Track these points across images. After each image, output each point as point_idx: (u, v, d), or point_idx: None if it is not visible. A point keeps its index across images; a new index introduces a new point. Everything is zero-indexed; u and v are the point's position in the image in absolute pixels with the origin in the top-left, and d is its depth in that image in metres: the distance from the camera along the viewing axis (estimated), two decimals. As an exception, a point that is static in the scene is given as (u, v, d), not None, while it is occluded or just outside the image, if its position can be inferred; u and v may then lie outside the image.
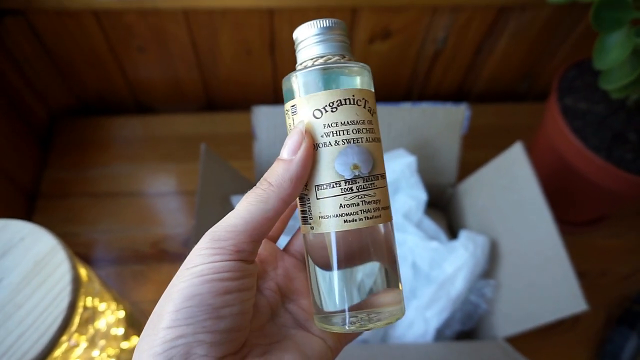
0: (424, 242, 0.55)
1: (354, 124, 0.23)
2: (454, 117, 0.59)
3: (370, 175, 0.23)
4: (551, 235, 0.48)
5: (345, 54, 0.24)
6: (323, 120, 0.23)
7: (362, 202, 0.23)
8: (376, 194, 0.23)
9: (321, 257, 0.24)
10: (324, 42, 0.24)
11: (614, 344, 0.59)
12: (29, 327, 0.34)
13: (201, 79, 0.76)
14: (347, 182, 0.23)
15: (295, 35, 0.25)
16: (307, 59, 0.24)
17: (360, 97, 0.23)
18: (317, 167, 0.23)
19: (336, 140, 0.23)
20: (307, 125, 0.23)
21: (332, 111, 0.23)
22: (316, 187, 0.23)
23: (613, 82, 0.43)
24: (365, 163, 0.23)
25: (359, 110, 0.23)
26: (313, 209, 0.24)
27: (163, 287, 0.68)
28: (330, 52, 0.24)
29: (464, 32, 0.72)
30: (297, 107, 0.24)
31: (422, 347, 0.50)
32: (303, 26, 0.24)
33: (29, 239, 0.38)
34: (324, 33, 0.24)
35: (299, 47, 0.25)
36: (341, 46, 0.24)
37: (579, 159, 0.55)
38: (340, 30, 0.24)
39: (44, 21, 0.64)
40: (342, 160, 0.23)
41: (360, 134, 0.23)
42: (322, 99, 0.23)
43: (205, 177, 0.50)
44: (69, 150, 0.74)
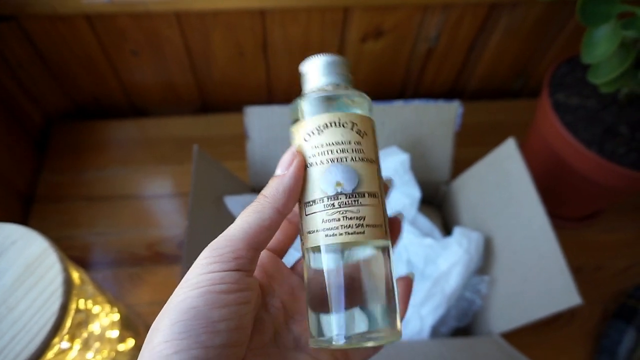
0: (418, 239, 0.56)
1: (338, 145, 0.24)
2: (447, 114, 0.59)
3: (354, 192, 0.24)
4: (545, 230, 0.48)
5: (342, 84, 0.26)
6: (311, 143, 0.25)
7: (343, 218, 0.24)
8: (360, 211, 0.24)
9: (314, 285, 0.25)
10: (322, 75, 0.26)
11: (610, 338, 0.59)
12: (21, 329, 0.34)
13: (195, 82, 0.77)
14: (329, 198, 0.24)
15: (301, 68, 0.28)
16: (308, 89, 0.27)
17: (347, 120, 0.25)
18: (306, 185, 0.25)
19: (321, 160, 0.24)
20: (298, 147, 0.25)
21: (318, 134, 0.25)
22: (305, 204, 0.25)
23: (601, 76, 0.43)
24: (348, 181, 0.24)
25: (344, 131, 0.25)
26: (304, 226, 0.25)
27: (159, 289, 0.68)
28: (327, 84, 0.26)
29: (456, 29, 0.72)
30: (293, 133, 0.26)
31: (417, 344, 0.50)
32: (307, 60, 0.27)
33: (20, 242, 0.38)
34: (324, 67, 0.26)
35: (304, 79, 0.27)
36: (338, 77, 0.26)
37: (571, 154, 0.55)
38: (341, 64, 0.27)
39: (37, 26, 0.64)
40: (326, 177, 0.24)
41: (346, 154, 0.24)
42: (311, 124, 0.25)
43: (198, 178, 0.50)
44: (64, 154, 0.74)
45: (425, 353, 0.48)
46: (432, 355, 0.48)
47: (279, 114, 0.58)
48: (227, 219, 0.54)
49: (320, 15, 0.67)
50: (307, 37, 0.70)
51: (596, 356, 0.59)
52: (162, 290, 0.62)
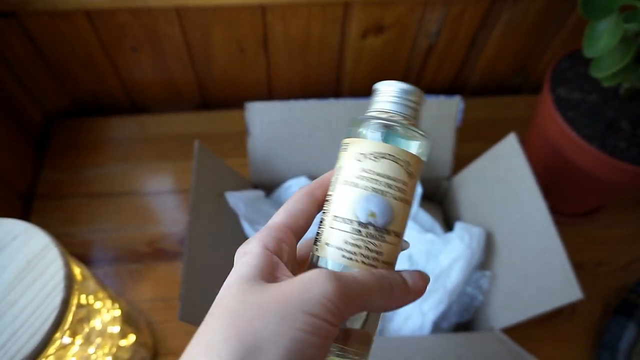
0: (420, 234, 0.56)
1: (387, 178, 0.25)
2: (448, 109, 0.59)
3: (383, 227, 0.25)
4: (546, 225, 0.48)
5: (410, 119, 0.27)
6: (363, 165, 0.25)
7: (365, 248, 0.25)
8: (381, 247, 0.25)
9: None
10: (394, 102, 0.26)
11: (611, 333, 0.59)
12: (22, 324, 0.34)
13: (195, 78, 0.76)
14: (359, 224, 0.25)
15: (377, 86, 0.28)
16: (375, 110, 0.27)
17: (404, 158, 0.25)
18: (342, 200, 0.25)
19: (366, 185, 0.25)
20: (349, 164, 0.26)
21: (373, 160, 0.25)
22: (334, 217, 0.25)
23: (603, 70, 0.43)
24: (382, 215, 0.25)
25: (397, 167, 0.25)
26: (324, 234, 0.26)
27: (160, 285, 0.68)
28: (397, 112, 0.26)
29: (456, 25, 0.72)
30: (348, 146, 0.26)
31: (418, 339, 0.50)
32: (385, 82, 0.27)
33: (21, 237, 0.38)
34: (399, 94, 0.26)
35: (375, 97, 0.27)
36: (409, 110, 0.27)
37: (572, 149, 0.55)
38: (415, 97, 0.27)
39: (37, 23, 0.64)
40: (363, 203, 0.25)
41: (390, 189, 0.25)
42: (369, 147, 0.25)
43: (199, 174, 0.50)
44: (64, 152, 0.74)
45: (427, 348, 0.48)
46: (433, 350, 0.48)
47: (280, 109, 0.58)
48: (228, 215, 0.54)
49: (321, 10, 0.67)
50: (307, 33, 0.70)
51: (597, 351, 0.59)
52: (162, 286, 0.62)
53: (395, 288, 0.24)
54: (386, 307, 0.24)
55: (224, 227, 0.53)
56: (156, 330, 0.59)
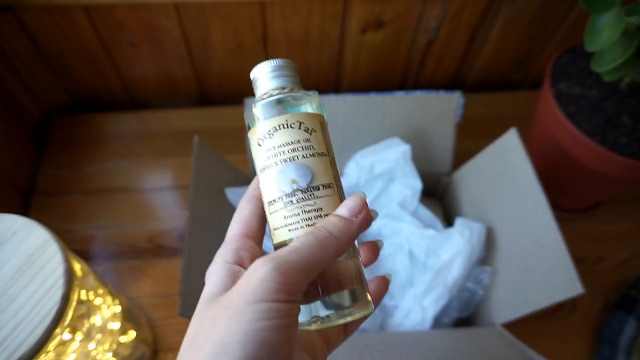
0: (420, 230, 0.55)
1: (288, 145, 0.26)
2: (448, 104, 0.59)
3: (309, 187, 0.26)
4: (547, 220, 0.48)
5: (287, 86, 0.27)
6: (264, 146, 0.26)
7: (302, 212, 0.25)
8: (316, 203, 0.26)
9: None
10: (271, 79, 0.27)
11: (611, 328, 0.59)
12: (22, 319, 0.34)
13: (194, 74, 0.76)
14: (287, 196, 0.26)
15: (251, 76, 0.28)
16: (258, 95, 0.28)
17: (294, 120, 0.26)
18: (266, 186, 0.26)
19: (275, 161, 0.26)
20: (256, 155, 0.27)
21: (270, 137, 0.26)
22: (268, 204, 0.26)
23: (605, 64, 0.43)
24: (302, 177, 0.26)
25: (293, 132, 0.26)
26: (270, 223, 0.27)
27: (160, 281, 0.67)
28: (276, 87, 0.27)
29: (456, 20, 0.71)
30: (249, 140, 0.27)
31: (419, 334, 0.50)
32: (255, 67, 0.28)
33: (21, 233, 0.38)
34: (271, 71, 0.27)
35: (254, 85, 0.28)
36: (280, 81, 0.27)
37: (573, 144, 0.55)
38: (285, 68, 0.28)
39: (34, 17, 0.64)
40: (280, 177, 0.26)
41: (296, 152, 0.26)
42: (262, 128, 0.26)
43: (198, 169, 0.50)
44: (63, 148, 0.74)
45: (428, 343, 0.48)
46: (434, 345, 0.48)
47: (280, 105, 0.57)
48: (228, 211, 0.54)
49: (320, 6, 0.66)
50: (307, 29, 0.70)
51: (597, 346, 0.59)
52: (162, 282, 0.62)
53: (335, 229, 0.24)
54: (339, 248, 0.24)
55: (224, 223, 0.52)
56: (156, 327, 0.59)
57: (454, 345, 0.48)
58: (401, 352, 0.46)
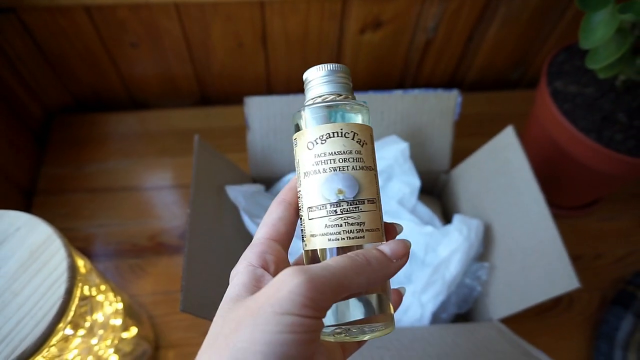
0: (419, 227, 0.56)
1: (340, 154, 0.26)
2: (446, 103, 0.59)
3: (355, 199, 0.25)
4: (543, 216, 0.49)
5: (343, 93, 0.27)
6: (314, 151, 0.26)
7: (345, 224, 0.25)
8: (360, 217, 0.25)
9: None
10: (324, 84, 0.27)
11: (609, 324, 0.60)
12: (26, 314, 0.34)
13: (194, 74, 0.77)
14: (332, 205, 0.25)
15: (304, 76, 0.28)
16: (309, 98, 0.28)
17: (349, 130, 0.26)
18: (309, 191, 0.26)
19: (324, 168, 0.26)
20: (303, 156, 0.26)
21: (321, 143, 0.26)
22: (308, 209, 0.26)
23: (599, 61, 0.44)
24: (349, 188, 0.25)
25: (346, 141, 0.26)
26: (306, 228, 0.26)
27: (161, 279, 0.68)
28: (329, 92, 0.27)
29: (454, 20, 0.72)
30: (297, 140, 0.27)
31: (418, 329, 0.51)
32: (310, 69, 0.28)
33: (25, 229, 0.38)
34: (326, 75, 0.27)
35: (306, 87, 0.28)
36: (340, 87, 0.27)
37: (569, 142, 0.56)
38: (342, 73, 0.28)
39: (36, 18, 0.64)
40: (328, 185, 0.25)
41: (347, 163, 0.26)
42: (313, 133, 0.26)
43: (199, 168, 0.50)
44: (65, 147, 0.74)
45: (426, 338, 0.49)
46: (433, 341, 0.48)
47: (279, 104, 0.58)
48: (228, 208, 0.54)
49: (319, 6, 0.67)
50: (306, 29, 0.70)
51: (595, 342, 0.60)
52: (163, 280, 0.63)
53: (373, 261, 0.24)
54: (370, 281, 0.24)
55: (224, 220, 0.53)
56: (157, 324, 0.59)
57: (452, 340, 0.48)
58: (400, 348, 0.47)
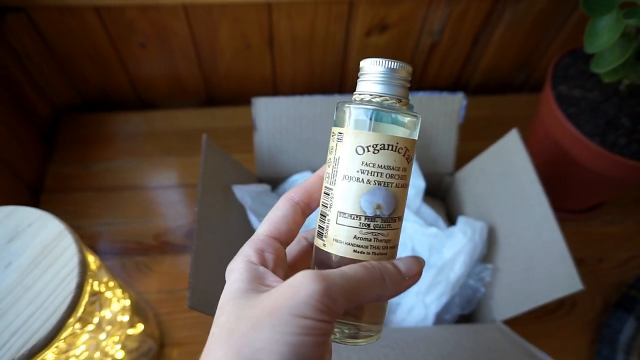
0: (423, 228, 0.56)
1: (389, 169, 0.25)
2: (451, 105, 0.60)
3: (389, 217, 0.25)
4: (547, 218, 0.49)
5: (403, 99, 0.26)
6: (363, 158, 0.24)
7: (375, 239, 0.25)
8: (389, 234, 0.25)
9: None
10: (385, 83, 0.25)
11: (611, 327, 0.60)
12: (37, 308, 0.35)
13: (201, 74, 0.77)
14: (367, 219, 0.25)
15: (362, 64, 0.26)
16: (365, 93, 0.26)
17: (403, 145, 0.25)
18: (346, 196, 0.25)
19: (369, 179, 0.25)
20: (348, 157, 0.25)
21: (373, 152, 0.24)
22: (339, 213, 0.25)
23: (604, 65, 0.44)
24: (388, 206, 0.25)
25: (397, 157, 0.25)
26: (330, 230, 0.25)
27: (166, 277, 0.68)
28: (389, 94, 0.25)
29: (459, 23, 0.73)
30: (343, 136, 0.25)
31: (422, 330, 0.51)
32: (371, 60, 0.26)
33: (36, 224, 0.39)
34: (389, 74, 0.25)
35: (362, 77, 0.26)
36: (401, 90, 0.26)
37: (574, 145, 0.56)
38: (404, 73, 0.26)
39: (46, 18, 0.65)
40: (368, 198, 0.25)
41: (392, 179, 0.25)
42: (368, 139, 0.24)
43: (206, 167, 0.51)
44: (72, 146, 0.75)
45: (430, 339, 0.49)
46: (436, 340, 0.49)
47: (286, 105, 0.58)
48: (235, 207, 0.55)
49: (326, 8, 0.68)
50: (312, 31, 0.71)
51: (597, 345, 0.60)
52: (169, 279, 0.63)
53: (387, 277, 0.24)
54: (382, 296, 0.24)
55: (231, 219, 0.54)
56: (162, 322, 0.60)
57: (455, 340, 0.49)
58: (403, 347, 0.47)
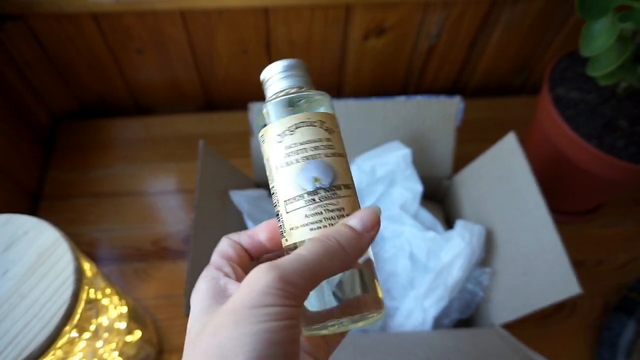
0: (421, 232, 0.56)
1: (311, 143, 0.26)
2: (448, 109, 0.60)
3: (331, 186, 0.25)
4: (545, 222, 0.49)
5: (304, 86, 0.28)
6: (284, 143, 0.26)
7: (325, 211, 0.25)
8: (339, 203, 0.26)
9: None
10: (283, 79, 0.27)
11: (611, 330, 0.60)
12: (33, 316, 0.35)
13: (199, 79, 0.78)
14: (309, 194, 0.25)
15: (262, 77, 0.28)
16: (270, 96, 0.28)
17: (316, 119, 0.26)
18: (284, 183, 0.26)
19: (297, 158, 0.25)
20: (273, 150, 0.26)
21: (290, 134, 0.26)
22: (285, 202, 0.26)
23: (600, 68, 0.44)
24: (325, 175, 0.25)
25: (315, 130, 0.26)
26: (285, 223, 0.26)
27: (165, 283, 0.68)
28: (289, 86, 0.27)
29: (456, 26, 0.73)
30: (264, 137, 0.27)
31: (420, 335, 0.51)
32: (267, 67, 0.28)
33: (32, 232, 0.39)
34: (283, 71, 0.27)
35: (265, 86, 0.28)
36: (298, 80, 0.28)
37: (571, 148, 0.56)
38: (298, 67, 0.28)
39: (44, 25, 0.65)
40: (303, 174, 0.25)
41: (319, 150, 0.26)
42: (281, 125, 0.26)
43: (203, 173, 0.51)
44: (71, 152, 0.75)
45: (429, 343, 0.49)
46: (435, 345, 0.48)
47: (283, 109, 0.58)
48: (232, 213, 0.55)
49: (323, 13, 0.68)
50: (310, 35, 0.71)
51: (597, 348, 0.60)
52: (167, 284, 0.63)
53: (345, 242, 0.23)
54: (346, 263, 0.24)
55: (228, 225, 0.54)
56: (161, 328, 0.60)
57: (454, 345, 0.48)
58: (402, 352, 0.47)
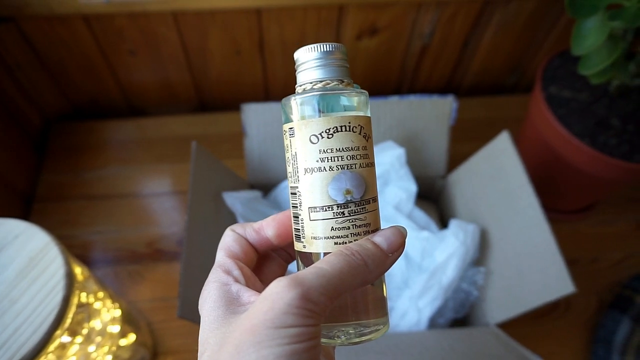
0: (415, 232, 0.56)
1: (348, 151, 0.24)
2: (442, 108, 0.60)
3: (362, 200, 0.24)
4: (538, 221, 0.49)
5: (344, 79, 0.25)
6: (319, 146, 0.23)
7: (353, 226, 0.24)
8: (367, 218, 0.24)
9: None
10: (323, 67, 0.24)
11: (606, 328, 0.60)
12: (24, 321, 0.35)
13: (192, 81, 0.77)
14: (339, 207, 0.23)
15: (297, 56, 0.25)
16: (306, 82, 0.25)
17: (357, 123, 0.24)
18: (311, 190, 0.24)
19: (330, 165, 0.23)
20: (304, 149, 0.24)
21: (328, 137, 0.23)
22: (310, 209, 0.24)
23: (591, 67, 0.44)
24: (357, 188, 0.24)
25: (354, 136, 0.24)
26: (306, 229, 0.24)
27: (159, 285, 0.68)
28: (329, 77, 0.24)
29: (449, 26, 0.73)
30: (294, 130, 0.24)
31: (415, 335, 0.51)
32: (304, 48, 0.25)
33: (23, 237, 0.38)
34: (325, 57, 0.24)
35: (299, 68, 0.25)
36: (341, 71, 0.25)
37: (564, 146, 0.56)
38: (340, 54, 0.25)
39: (35, 27, 0.65)
40: (335, 185, 0.23)
41: (355, 160, 0.24)
42: (319, 125, 0.23)
43: (196, 174, 0.51)
44: (64, 154, 0.75)
45: (424, 343, 0.49)
46: (430, 345, 0.48)
47: (276, 111, 0.58)
48: (226, 215, 0.54)
49: (315, 13, 0.67)
50: (303, 35, 0.71)
51: (592, 346, 0.60)
52: (161, 286, 0.63)
53: (369, 260, 0.23)
54: (367, 280, 0.23)
55: (222, 227, 0.53)
56: (155, 330, 0.60)
57: (449, 345, 0.48)
58: (397, 353, 0.47)
